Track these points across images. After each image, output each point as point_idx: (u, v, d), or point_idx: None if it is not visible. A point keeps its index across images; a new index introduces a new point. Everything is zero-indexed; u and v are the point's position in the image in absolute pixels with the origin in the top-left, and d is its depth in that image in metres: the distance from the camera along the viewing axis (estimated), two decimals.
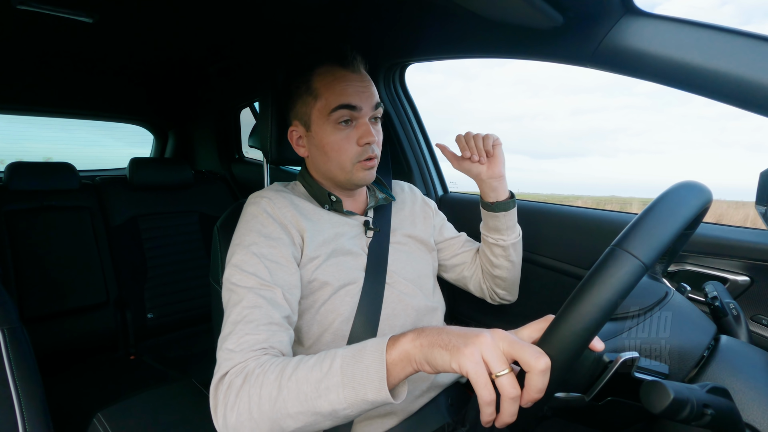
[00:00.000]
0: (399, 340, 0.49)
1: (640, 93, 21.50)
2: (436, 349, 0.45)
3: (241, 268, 0.67)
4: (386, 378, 0.47)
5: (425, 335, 0.47)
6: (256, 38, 1.40)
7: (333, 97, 0.74)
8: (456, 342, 0.44)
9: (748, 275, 0.77)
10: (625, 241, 0.40)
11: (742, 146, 79.35)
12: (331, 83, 0.75)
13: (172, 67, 1.85)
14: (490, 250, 0.90)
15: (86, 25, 1.27)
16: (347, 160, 0.76)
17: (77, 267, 1.64)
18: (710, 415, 0.37)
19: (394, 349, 0.48)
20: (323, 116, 0.75)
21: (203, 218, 1.94)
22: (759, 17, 70.49)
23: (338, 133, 0.76)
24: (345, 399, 0.49)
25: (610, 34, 0.70)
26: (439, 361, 0.44)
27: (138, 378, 1.55)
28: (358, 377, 0.48)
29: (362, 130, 0.76)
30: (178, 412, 0.98)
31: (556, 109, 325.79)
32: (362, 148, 0.76)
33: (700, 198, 0.45)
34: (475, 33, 0.94)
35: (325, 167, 0.79)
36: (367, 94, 0.76)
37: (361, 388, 0.48)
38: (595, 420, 0.52)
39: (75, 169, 1.71)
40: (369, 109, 0.76)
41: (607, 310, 0.39)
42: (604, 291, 0.39)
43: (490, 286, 0.95)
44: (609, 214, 0.99)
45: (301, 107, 0.78)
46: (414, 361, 0.47)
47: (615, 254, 0.40)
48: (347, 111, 0.74)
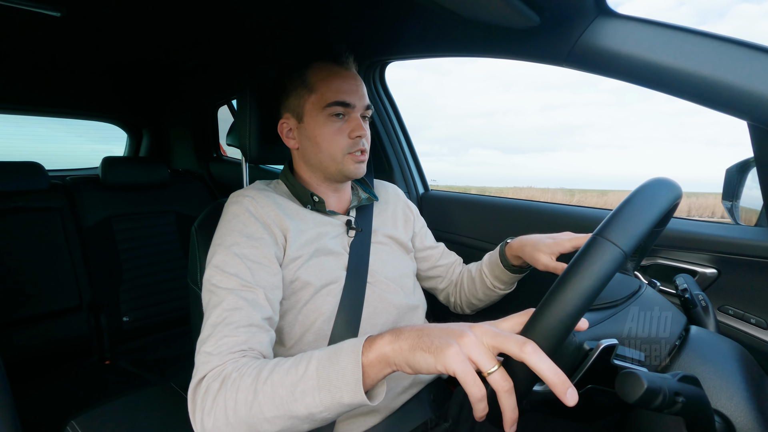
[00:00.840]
0: (376, 341, 0.48)
1: (605, 90, 22.47)
2: (418, 352, 0.44)
3: (222, 269, 0.65)
4: (362, 380, 0.46)
5: (404, 338, 0.46)
6: (233, 35, 1.38)
7: (329, 93, 0.76)
8: (438, 343, 0.43)
9: (715, 268, 0.81)
10: (605, 230, 0.42)
11: (699, 141, 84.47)
12: (327, 78, 0.77)
13: (145, 64, 1.80)
14: (483, 289, 0.93)
15: (54, 20, 1.22)
16: (338, 150, 0.78)
17: (47, 270, 1.58)
18: (681, 403, 0.38)
19: (370, 351, 0.47)
20: (317, 109, 0.77)
21: (180, 218, 1.90)
22: (713, 18, 74.85)
23: (331, 125, 0.77)
24: (321, 402, 0.48)
25: (585, 34, 0.71)
26: (422, 364, 0.43)
27: (113, 383, 1.51)
28: (333, 380, 0.48)
29: (354, 123, 0.78)
30: (156, 417, 0.96)
31: (526, 105, 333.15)
32: (353, 141, 0.78)
33: (672, 192, 0.47)
34: (454, 32, 0.95)
35: (316, 158, 0.80)
36: (360, 93, 0.79)
37: (337, 391, 0.48)
38: (574, 412, 0.53)
39: (44, 169, 1.65)
40: (361, 107, 0.79)
41: (590, 295, 0.39)
42: (587, 277, 0.40)
43: (460, 304, 0.99)
44: (584, 210, 1.01)
45: (295, 99, 0.79)
46: (393, 364, 0.46)
47: (596, 242, 0.41)
48: (341, 107, 0.77)
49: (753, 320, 0.76)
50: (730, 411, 0.46)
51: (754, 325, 0.76)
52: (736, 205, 0.86)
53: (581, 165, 64.24)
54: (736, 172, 0.86)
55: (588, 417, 0.56)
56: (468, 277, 0.96)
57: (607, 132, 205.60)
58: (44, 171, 1.65)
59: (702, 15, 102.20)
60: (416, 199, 1.36)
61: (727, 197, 0.88)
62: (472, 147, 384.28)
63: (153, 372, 1.56)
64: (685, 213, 0.88)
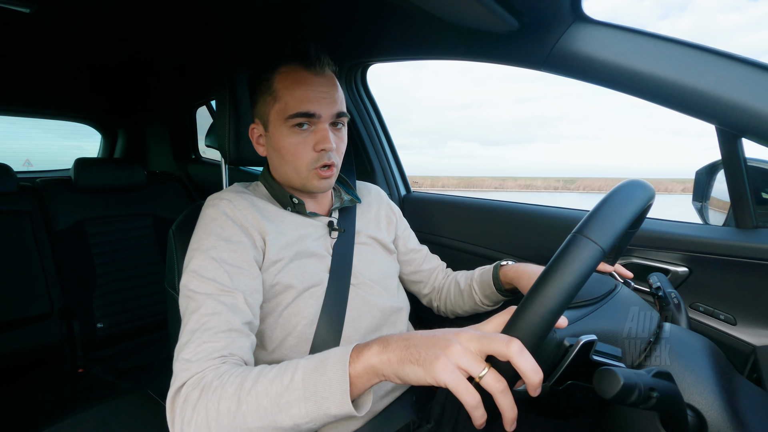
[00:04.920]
0: (363, 352, 0.47)
1: (577, 82, 23.45)
2: (407, 365, 0.44)
3: (200, 274, 0.64)
4: (349, 390, 0.46)
5: (392, 349, 0.45)
6: (209, 34, 1.36)
7: (292, 102, 0.72)
8: (426, 355, 0.43)
9: (687, 266, 0.84)
10: (585, 228, 0.43)
11: (667, 131, 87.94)
12: (291, 86, 0.72)
13: (120, 63, 1.75)
14: (471, 303, 0.93)
15: (24, 16, 1.18)
16: (303, 165, 0.75)
17: (16, 275, 1.51)
18: (656, 398, 0.39)
19: (358, 362, 0.47)
20: (280, 119, 0.73)
21: (157, 221, 1.85)
22: (675, 11, 77.89)
23: (294, 136, 0.73)
24: (307, 413, 0.48)
25: (562, 39, 0.73)
26: (412, 376, 0.43)
27: (87, 392, 1.46)
28: (320, 391, 0.47)
29: (319, 135, 0.73)
30: (132, 425, 0.93)
31: (501, 97, 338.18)
32: (318, 154, 0.74)
33: (646, 193, 0.49)
34: (435, 35, 0.96)
35: (282, 170, 0.78)
36: (329, 100, 0.73)
37: (324, 402, 0.47)
38: (553, 409, 0.54)
39: (11, 170, 1.59)
40: (329, 116, 0.74)
41: (570, 291, 0.40)
42: (567, 274, 0.41)
43: (444, 310, 1.00)
44: (564, 211, 1.04)
45: (261, 106, 0.76)
46: (381, 375, 0.46)
47: (576, 240, 0.42)
48: (304, 118, 0.72)
49: (722, 316, 0.79)
50: (701, 405, 0.47)
51: (723, 321, 0.79)
52: (706, 206, 0.90)
53: (557, 156, 66.26)
54: (705, 174, 0.90)
55: (566, 414, 0.57)
56: (455, 289, 0.95)
57: (580, 123, 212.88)
58: (12, 172, 1.59)
59: (665, 8, 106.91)
60: (398, 200, 1.36)
61: (697, 198, 0.92)
62: (450, 139, 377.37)
63: (129, 380, 1.52)
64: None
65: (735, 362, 0.75)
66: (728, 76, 0.61)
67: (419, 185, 8.40)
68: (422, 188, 1.42)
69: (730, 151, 0.73)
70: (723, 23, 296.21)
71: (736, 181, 0.76)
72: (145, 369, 1.60)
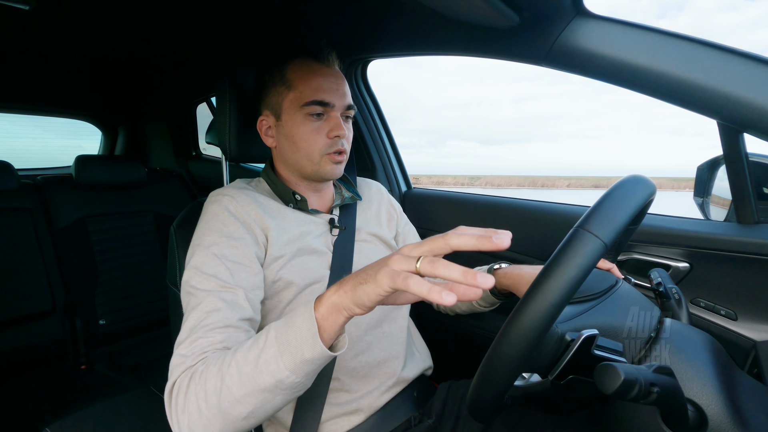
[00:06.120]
0: (324, 296, 0.50)
1: (576, 81, 22.57)
2: (358, 288, 0.46)
3: (201, 270, 0.64)
4: (320, 334, 0.48)
5: (346, 281, 0.48)
6: (210, 30, 1.35)
7: (308, 91, 0.74)
8: (371, 271, 0.45)
9: (688, 262, 0.83)
10: (587, 223, 0.43)
11: (666, 130, 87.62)
12: (306, 75, 0.75)
13: (120, 59, 1.75)
14: (467, 303, 0.93)
15: (23, 13, 1.18)
16: (316, 150, 0.76)
17: (18, 273, 1.52)
18: (656, 393, 0.39)
19: (321, 305, 0.49)
20: (295, 107, 0.75)
21: (158, 218, 1.86)
22: (673, 11, 77.38)
23: (309, 124, 0.76)
24: (285, 366, 0.49)
25: (563, 34, 0.73)
26: (364, 297, 0.45)
27: (90, 388, 1.47)
28: (292, 341, 0.49)
29: (333, 123, 0.76)
30: (135, 421, 0.94)
31: (500, 96, 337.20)
32: (332, 141, 0.76)
33: (647, 188, 0.49)
34: (436, 30, 0.95)
35: (293, 158, 0.78)
36: (341, 92, 0.77)
37: (297, 350, 0.49)
38: (554, 405, 0.54)
39: (12, 168, 1.59)
40: (341, 106, 0.77)
41: (572, 286, 0.40)
42: (570, 268, 0.41)
43: (442, 307, 1.00)
44: (566, 207, 1.03)
45: (273, 96, 0.78)
46: (344, 309, 0.48)
47: (578, 234, 0.42)
48: (320, 106, 0.75)
49: (723, 312, 0.79)
50: (702, 400, 0.47)
51: (724, 316, 0.79)
52: (707, 201, 0.89)
53: (556, 155, 66.05)
54: (706, 169, 0.89)
55: (566, 410, 0.57)
56: None
57: (579, 122, 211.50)
58: (13, 170, 1.59)
59: (662, 7, 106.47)
60: (399, 197, 1.36)
61: (699, 194, 0.92)
62: (449, 138, 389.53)
63: (131, 376, 1.53)
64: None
65: (736, 357, 0.75)
66: (730, 70, 0.61)
67: (421, 183, 8.31)
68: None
69: (731, 147, 0.73)
70: (720, 23, 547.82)
71: (737, 177, 0.75)
72: (147, 365, 1.61)
